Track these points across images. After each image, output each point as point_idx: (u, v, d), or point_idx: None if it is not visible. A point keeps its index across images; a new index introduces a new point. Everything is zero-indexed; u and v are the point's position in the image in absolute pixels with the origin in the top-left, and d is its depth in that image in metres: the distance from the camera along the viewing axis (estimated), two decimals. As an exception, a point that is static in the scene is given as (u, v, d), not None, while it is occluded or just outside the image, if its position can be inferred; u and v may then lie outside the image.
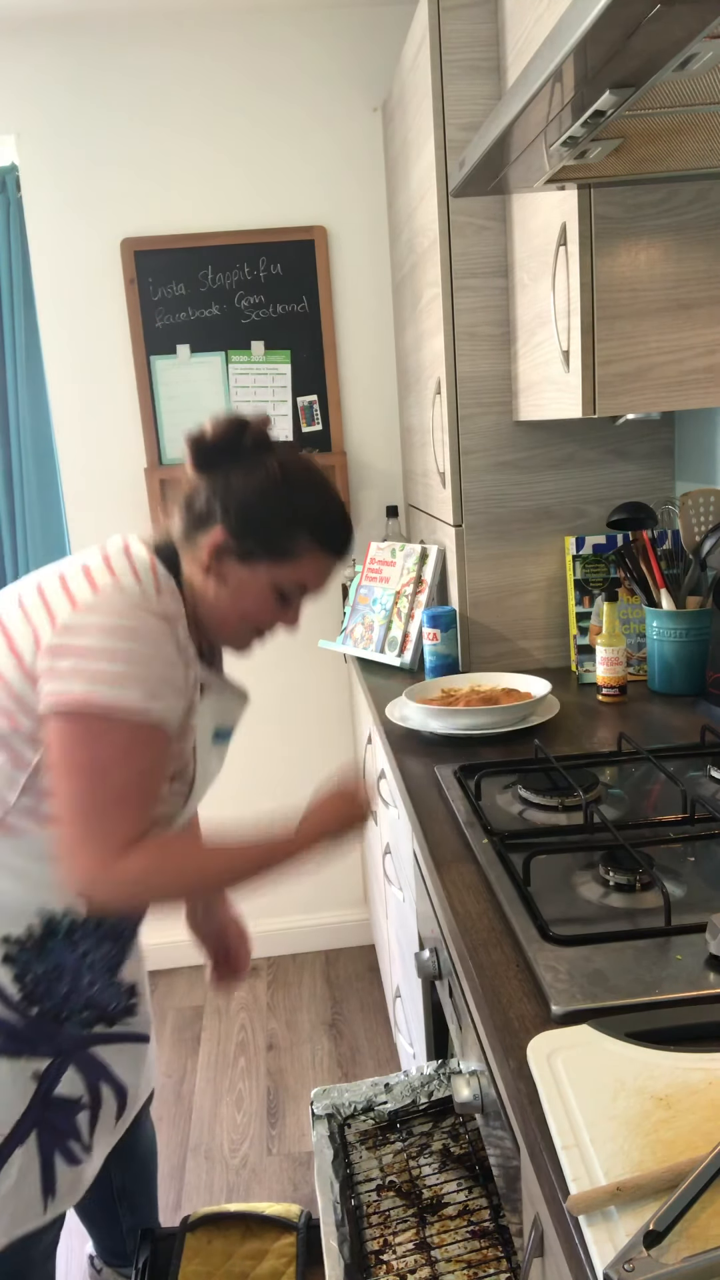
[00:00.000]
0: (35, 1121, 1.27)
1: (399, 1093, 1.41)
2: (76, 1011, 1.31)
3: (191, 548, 1.22)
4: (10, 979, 1.24)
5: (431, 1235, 1.21)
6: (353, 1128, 1.40)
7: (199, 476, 1.23)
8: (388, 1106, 1.40)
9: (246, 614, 1.23)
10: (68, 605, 1.13)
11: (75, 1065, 1.31)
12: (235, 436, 1.21)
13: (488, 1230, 1.20)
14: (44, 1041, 1.27)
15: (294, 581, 1.22)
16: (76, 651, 1.10)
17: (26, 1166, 1.27)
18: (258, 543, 1.19)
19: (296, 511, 1.19)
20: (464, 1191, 1.27)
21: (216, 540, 1.19)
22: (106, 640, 1.10)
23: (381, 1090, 1.42)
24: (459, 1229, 1.22)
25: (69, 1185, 1.32)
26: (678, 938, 1.01)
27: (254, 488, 1.19)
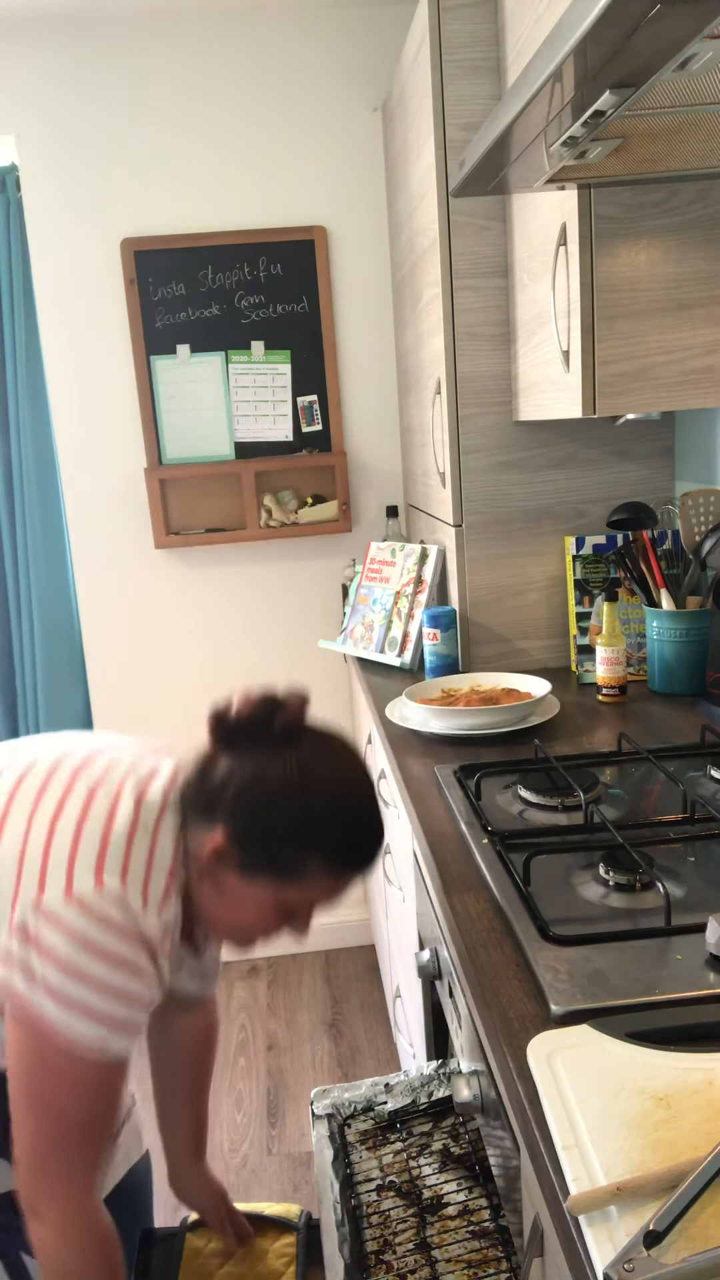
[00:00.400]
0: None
1: (399, 1093, 1.41)
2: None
3: (194, 836, 1.06)
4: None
5: (431, 1235, 1.21)
6: (353, 1128, 1.40)
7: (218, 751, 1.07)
8: (387, 1106, 1.40)
9: (244, 927, 1.09)
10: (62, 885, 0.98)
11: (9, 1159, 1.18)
12: (264, 719, 1.05)
13: (488, 1230, 1.20)
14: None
15: (301, 901, 1.06)
16: (43, 949, 0.96)
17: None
18: (261, 857, 1.03)
19: (311, 830, 1.02)
20: (464, 1192, 1.27)
21: (216, 843, 1.03)
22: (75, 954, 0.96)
23: (381, 1090, 1.42)
24: (459, 1229, 1.22)
25: None
26: (678, 938, 1.01)
27: (267, 791, 1.02)
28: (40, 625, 2.78)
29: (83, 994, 0.96)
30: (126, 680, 2.80)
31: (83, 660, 2.84)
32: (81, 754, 1.12)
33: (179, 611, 2.77)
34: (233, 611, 2.77)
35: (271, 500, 2.66)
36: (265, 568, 2.76)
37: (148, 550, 2.72)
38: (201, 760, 1.08)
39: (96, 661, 2.78)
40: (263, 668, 2.80)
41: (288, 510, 2.68)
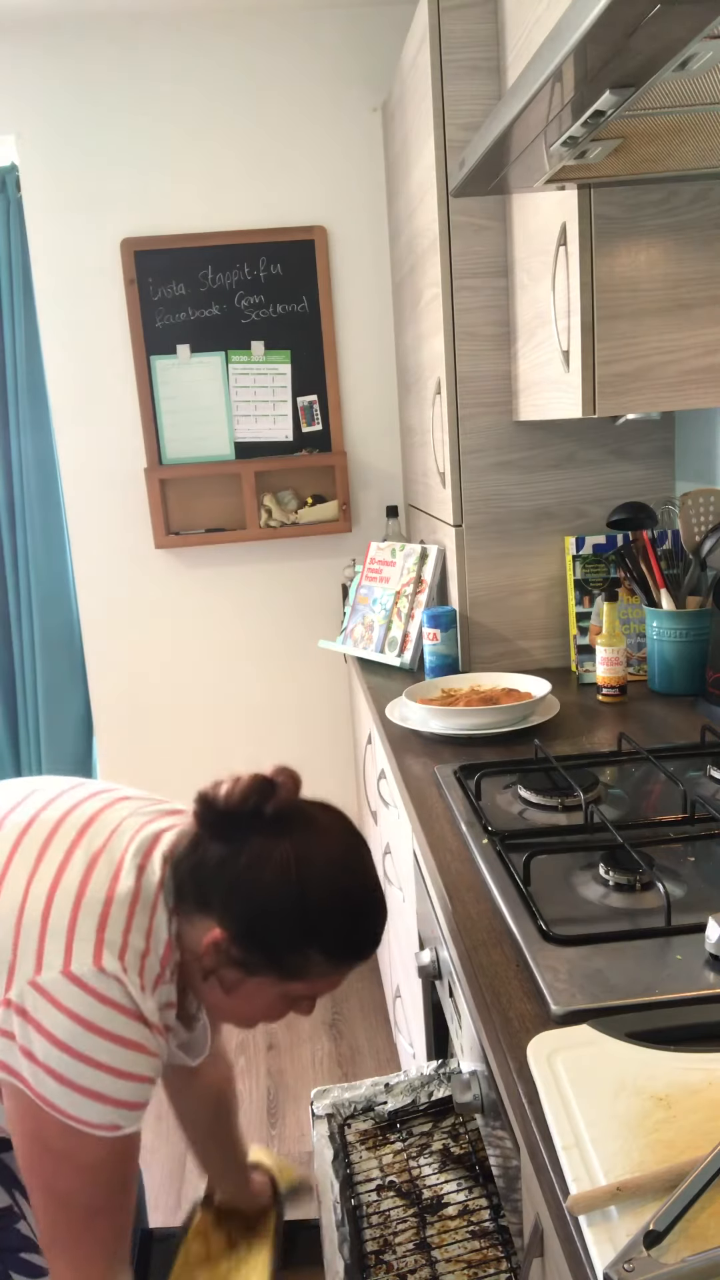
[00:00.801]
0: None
1: (399, 1092, 1.41)
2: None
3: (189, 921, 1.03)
4: None
5: (431, 1235, 1.21)
6: (352, 1128, 1.40)
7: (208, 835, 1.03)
8: (387, 1106, 1.40)
9: (249, 1017, 1.07)
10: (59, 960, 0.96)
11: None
12: (256, 805, 1.01)
13: (488, 1230, 1.20)
14: None
15: (308, 992, 1.04)
16: (44, 1030, 0.93)
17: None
18: (262, 957, 1.00)
19: (312, 927, 0.99)
20: (464, 1192, 1.27)
21: (215, 940, 1.00)
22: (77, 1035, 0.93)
23: (381, 1090, 1.41)
24: (459, 1229, 1.22)
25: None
26: (678, 938, 1.01)
27: (263, 888, 0.99)
28: (40, 626, 2.78)
29: (88, 1076, 0.93)
30: (126, 680, 2.80)
31: (83, 660, 2.84)
32: (88, 812, 1.08)
33: (179, 612, 2.77)
34: (233, 612, 2.77)
35: (271, 500, 2.66)
36: (265, 568, 2.76)
37: (148, 550, 2.72)
38: (192, 842, 1.03)
39: (96, 662, 2.78)
40: (263, 667, 2.80)
41: (288, 510, 2.68)
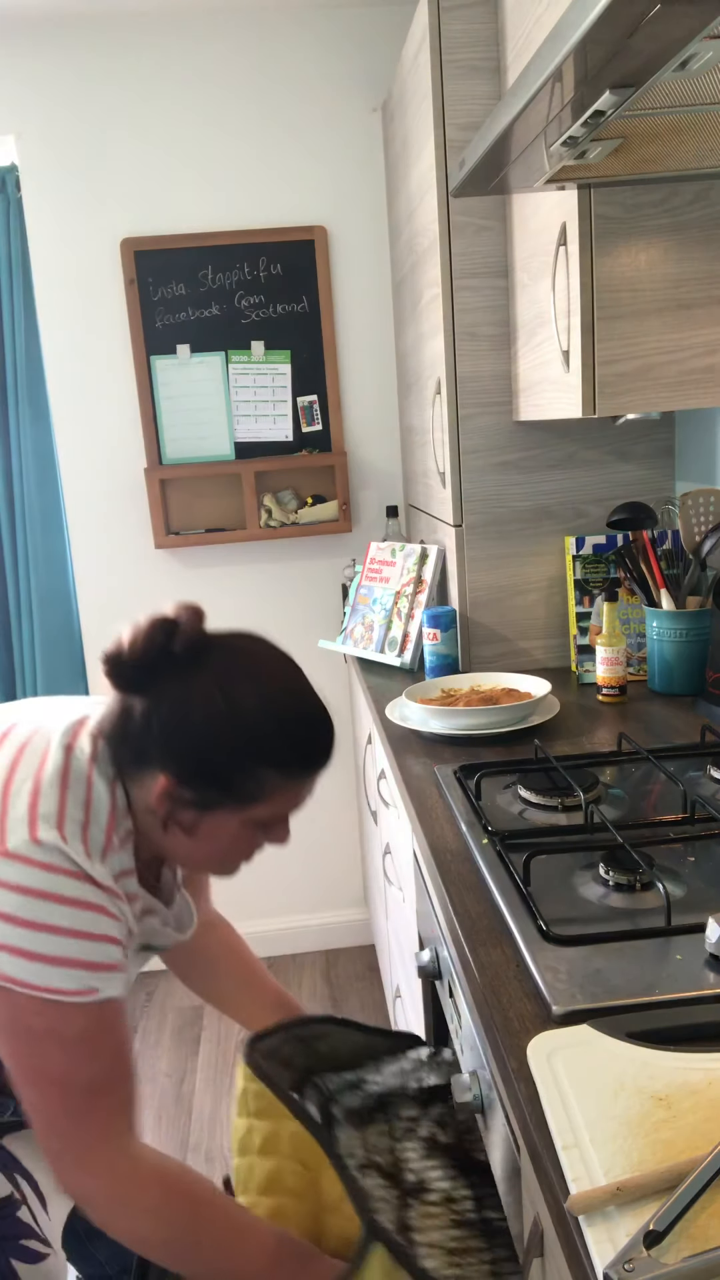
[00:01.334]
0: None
1: (389, 1075, 1.41)
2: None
3: (136, 783, 1.02)
4: None
5: (412, 1218, 1.20)
6: (340, 1103, 1.39)
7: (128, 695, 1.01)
8: (376, 1088, 1.39)
9: (222, 858, 1.05)
10: None
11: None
12: (162, 647, 0.99)
13: (470, 1220, 1.19)
14: None
15: (272, 815, 1.02)
16: None
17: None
18: (214, 790, 0.99)
19: (254, 747, 0.98)
20: (447, 1181, 1.26)
21: (164, 789, 0.99)
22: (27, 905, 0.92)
23: (372, 1069, 1.41)
24: (440, 1215, 1.21)
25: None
26: (678, 938, 1.01)
27: (194, 723, 0.98)
28: (40, 625, 2.78)
29: (49, 943, 0.92)
30: (126, 680, 2.79)
31: (83, 660, 2.84)
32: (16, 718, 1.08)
33: (179, 611, 2.76)
34: (232, 611, 2.77)
35: (271, 500, 2.66)
36: (265, 568, 2.76)
37: (148, 550, 2.72)
38: (116, 708, 1.02)
39: (97, 661, 2.78)
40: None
41: (288, 510, 2.68)
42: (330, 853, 2.90)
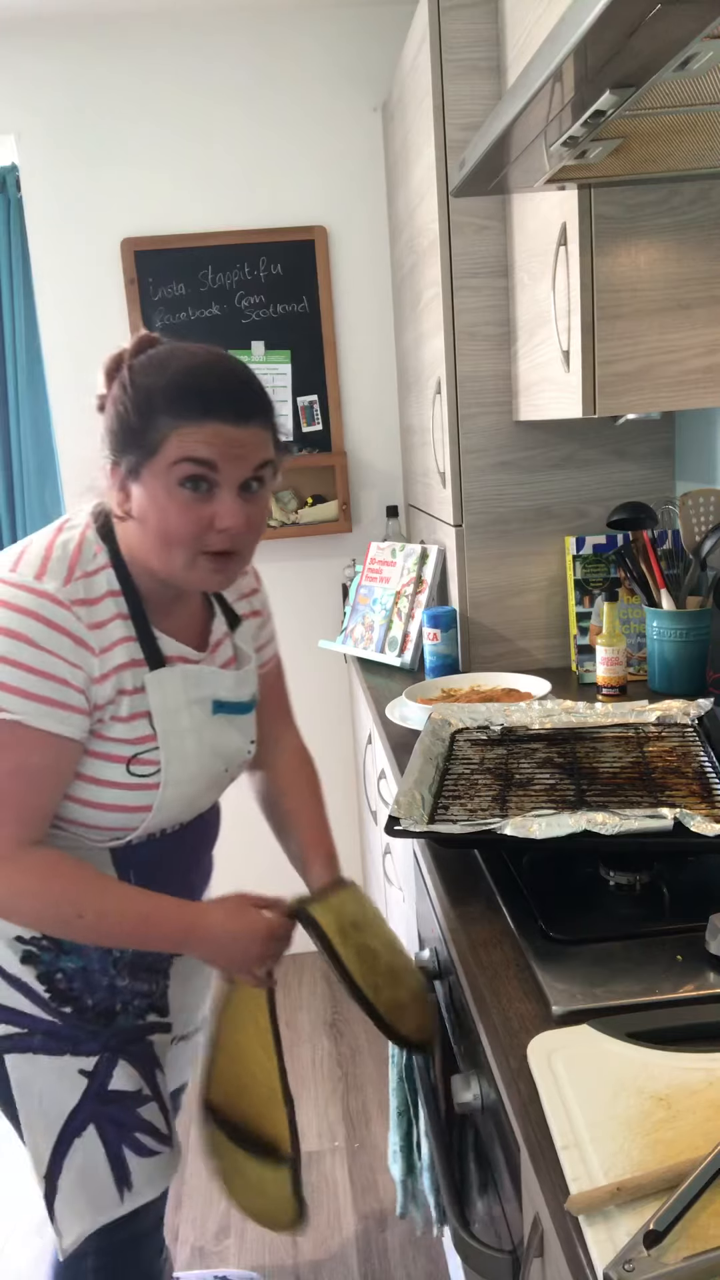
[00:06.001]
0: (90, 1116, 1.22)
1: (517, 717, 1.55)
2: (129, 1003, 1.25)
3: None
4: (34, 978, 1.19)
5: (511, 800, 1.26)
6: (463, 738, 1.51)
7: None
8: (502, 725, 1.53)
9: (168, 532, 1.09)
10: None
11: (127, 1059, 1.25)
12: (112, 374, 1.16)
13: (569, 801, 1.23)
14: (86, 1040, 1.22)
15: (180, 465, 1.06)
16: None
17: (90, 1159, 1.23)
18: (131, 451, 1.09)
19: (143, 397, 1.08)
20: (554, 779, 1.31)
21: (109, 476, 1.12)
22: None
23: (499, 712, 1.56)
24: (539, 796, 1.26)
25: (147, 1177, 1.27)
26: (678, 938, 1.01)
27: (111, 407, 1.13)
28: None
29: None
30: (126, 680, 2.79)
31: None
32: None
33: (179, 611, 2.76)
34: (233, 611, 2.77)
35: (271, 500, 2.66)
36: (265, 568, 2.74)
37: (148, 550, 2.71)
38: None
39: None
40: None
41: (288, 510, 2.68)
42: (330, 853, 2.90)
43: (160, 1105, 1.29)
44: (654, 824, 1.05)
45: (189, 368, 1.09)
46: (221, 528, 1.08)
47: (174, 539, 1.09)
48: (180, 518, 1.08)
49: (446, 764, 1.40)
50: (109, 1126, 1.24)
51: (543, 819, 1.09)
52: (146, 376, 1.10)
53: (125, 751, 1.14)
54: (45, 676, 1.06)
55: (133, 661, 1.14)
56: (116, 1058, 1.24)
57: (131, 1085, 1.25)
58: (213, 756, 1.23)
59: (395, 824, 1.16)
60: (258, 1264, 1.92)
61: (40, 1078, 1.21)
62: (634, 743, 1.42)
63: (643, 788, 1.25)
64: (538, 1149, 0.76)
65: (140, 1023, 1.27)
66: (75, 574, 1.11)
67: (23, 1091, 1.21)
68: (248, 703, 1.29)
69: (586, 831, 1.06)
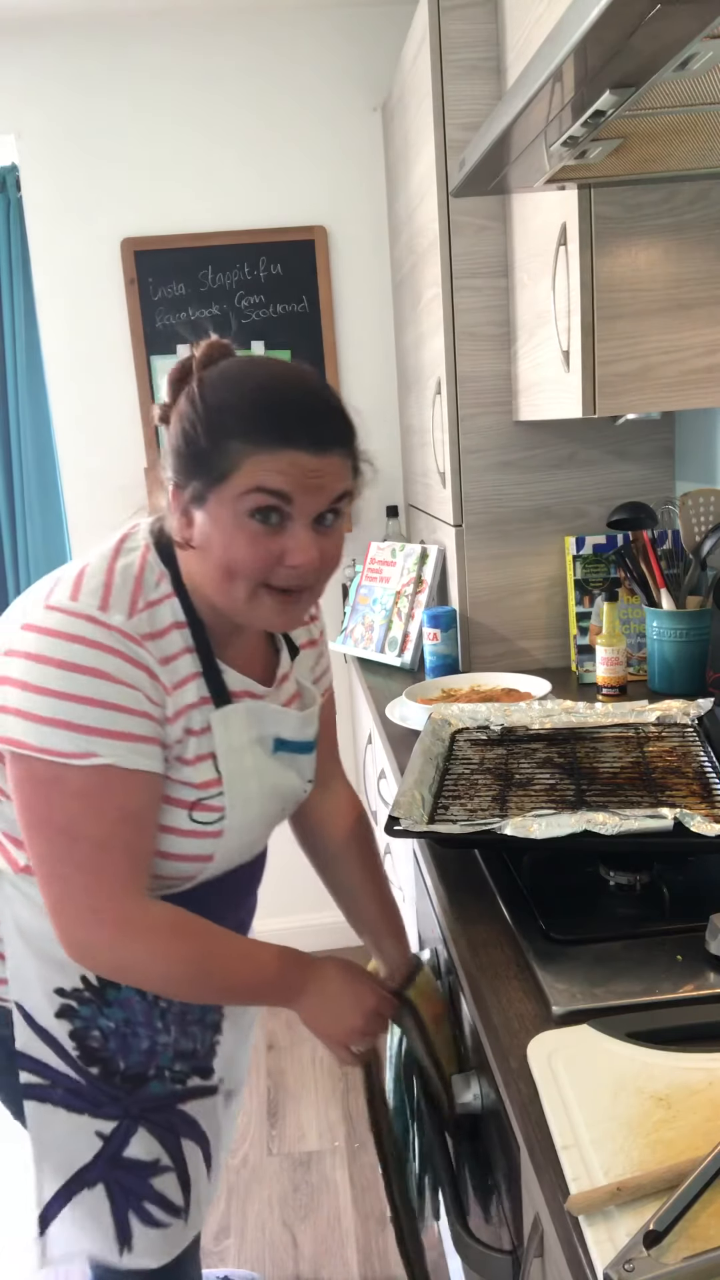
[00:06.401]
0: (101, 1177, 1.16)
1: (517, 717, 1.55)
2: (166, 1067, 1.18)
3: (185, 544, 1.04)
4: (66, 1034, 1.12)
5: (511, 799, 1.26)
6: (463, 738, 1.51)
7: None
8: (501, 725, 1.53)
9: (232, 565, 0.99)
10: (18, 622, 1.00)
11: (147, 1128, 1.17)
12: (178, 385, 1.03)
13: (568, 801, 1.23)
14: (108, 1103, 1.15)
15: (251, 496, 0.96)
16: (12, 682, 0.96)
17: (95, 1211, 1.17)
18: (196, 475, 0.98)
19: (216, 420, 0.97)
20: (554, 780, 1.31)
21: (172, 502, 1.01)
22: (37, 671, 0.95)
23: (498, 712, 1.55)
24: (539, 797, 1.26)
25: (148, 1246, 1.19)
26: (678, 938, 1.01)
27: (177, 423, 1.01)
28: (40, 625, 2.78)
29: (47, 707, 0.95)
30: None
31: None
32: None
33: (179, 611, 2.76)
34: (233, 611, 2.77)
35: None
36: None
37: (148, 550, 2.71)
38: None
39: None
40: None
41: (288, 510, 2.68)
42: (330, 853, 2.90)
43: (180, 1175, 1.20)
44: (654, 824, 1.05)
45: (266, 387, 0.98)
46: (292, 564, 0.99)
47: (238, 572, 0.99)
48: (248, 551, 0.98)
49: (446, 764, 1.40)
50: (118, 1190, 1.17)
51: (543, 819, 1.09)
52: (218, 394, 0.98)
53: (189, 796, 1.06)
54: (129, 712, 0.97)
55: (201, 700, 1.06)
56: (136, 1125, 1.17)
57: (148, 1155, 1.17)
58: (272, 798, 1.15)
59: (395, 824, 1.16)
60: (258, 1264, 1.92)
61: (57, 1128, 1.15)
62: (634, 743, 1.42)
63: (643, 788, 1.25)
64: (538, 1149, 0.76)
65: (177, 1088, 1.19)
66: (139, 605, 1.01)
67: (37, 1135, 1.16)
68: (310, 742, 1.21)
69: (586, 831, 1.06)
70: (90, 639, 0.96)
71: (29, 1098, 1.14)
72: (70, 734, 0.95)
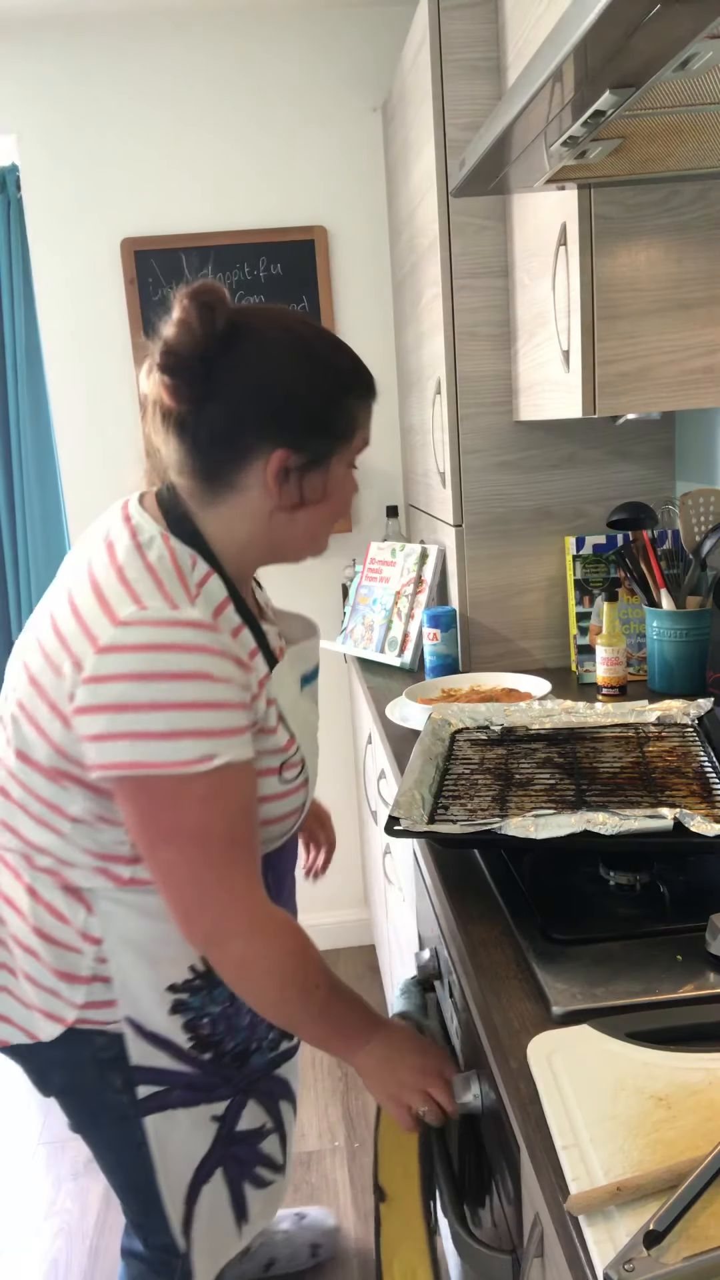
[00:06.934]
0: (218, 1161, 1.23)
1: (517, 717, 1.55)
2: (263, 1039, 1.25)
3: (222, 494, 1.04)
4: (179, 1028, 1.16)
5: (511, 799, 1.26)
6: (463, 738, 1.51)
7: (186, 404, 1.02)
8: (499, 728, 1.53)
9: (336, 513, 1.09)
10: (89, 646, 0.97)
11: (255, 1098, 1.25)
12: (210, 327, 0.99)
13: (569, 801, 1.23)
14: (220, 1085, 1.21)
15: (359, 450, 1.10)
16: (111, 708, 0.95)
17: (216, 1203, 1.24)
18: (324, 438, 1.02)
19: (336, 381, 1.02)
20: (554, 779, 1.31)
21: (278, 468, 1.01)
22: (141, 690, 0.94)
23: (499, 713, 1.55)
24: (539, 796, 1.26)
25: (261, 1208, 1.30)
26: (678, 938, 1.01)
27: (289, 383, 1.00)
28: (40, 625, 2.78)
29: (161, 721, 0.94)
30: (126, 680, 2.79)
31: (83, 660, 2.84)
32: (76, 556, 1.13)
33: (179, 611, 2.76)
34: (233, 611, 2.77)
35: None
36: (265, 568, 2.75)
37: (148, 550, 2.71)
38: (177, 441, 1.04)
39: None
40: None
41: (288, 510, 2.68)
42: (330, 853, 2.90)
43: (280, 1135, 1.31)
44: (654, 824, 1.05)
45: (339, 344, 1.06)
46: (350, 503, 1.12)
47: (332, 522, 1.10)
48: (347, 500, 1.10)
49: (446, 764, 1.40)
50: (232, 1165, 1.24)
51: (543, 819, 1.09)
52: (331, 353, 1.04)
53: (275, 762, 1.10)
54: (233, 707, 0.99)
55: (268, 670, 1.10)
56: (246, 1099, 1.24)
57: (256, 1123, 1.26)
58: (315, 736, 1.22)
59: (395, 824, 1.16)
60: (258, 1264, 1.92)
61: (176, 1132, 1.20)
62: (634, 743, 1.42)
63: (643, 788, 1.25)
64: (538, 1149, 0.76)
65: (272, 1055, 1.27)
66: (193, 592, 1.01)
67: (161, 1150, 1.20)
68: (316, 667, 1.24)
69: (586, 831, 1.06)
70: (182, 643, 0.96)
71: (149, 1112, 1.17)
72: (191, 742, 0.95)
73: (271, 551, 1.11)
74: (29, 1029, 1.16)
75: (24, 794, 1.07)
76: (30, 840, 1.09)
